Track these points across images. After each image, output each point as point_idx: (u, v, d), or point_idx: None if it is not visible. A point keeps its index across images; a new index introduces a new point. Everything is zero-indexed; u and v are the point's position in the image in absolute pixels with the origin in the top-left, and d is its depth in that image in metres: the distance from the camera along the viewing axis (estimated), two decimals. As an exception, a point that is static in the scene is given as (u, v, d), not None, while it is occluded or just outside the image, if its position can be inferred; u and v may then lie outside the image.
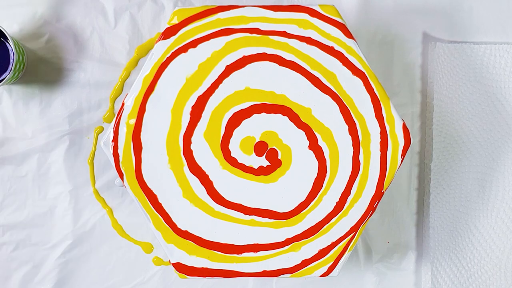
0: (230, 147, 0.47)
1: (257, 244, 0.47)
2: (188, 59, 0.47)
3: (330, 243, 0.47)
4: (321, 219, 0.47)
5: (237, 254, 0.47)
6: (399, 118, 0.47)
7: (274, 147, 0.47)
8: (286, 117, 0.47)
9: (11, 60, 0.48)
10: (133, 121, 0.46)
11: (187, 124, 0.47)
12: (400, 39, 0.55)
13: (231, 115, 0.47)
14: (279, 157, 0.47)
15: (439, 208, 0.55)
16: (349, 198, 0.47)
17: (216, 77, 0.47)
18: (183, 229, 0.46)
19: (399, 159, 0.47)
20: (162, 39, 0.46)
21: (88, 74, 0.53)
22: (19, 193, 0.53)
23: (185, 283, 0.54)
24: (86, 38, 0.53)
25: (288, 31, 0.47)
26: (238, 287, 0.54)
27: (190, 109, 0.47)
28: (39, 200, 0.53)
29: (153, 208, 0.46)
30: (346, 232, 0.47)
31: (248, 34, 0.47)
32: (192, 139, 0.47)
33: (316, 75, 0.47)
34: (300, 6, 0.47)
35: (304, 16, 0.47)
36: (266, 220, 0.47)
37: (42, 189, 0.53)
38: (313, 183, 0.47)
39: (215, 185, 0.47)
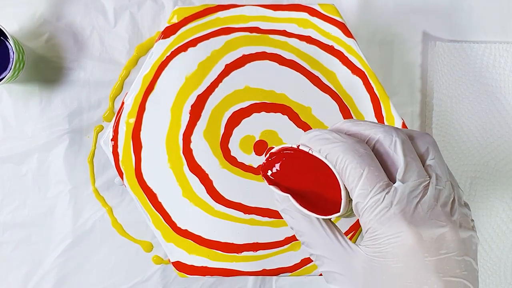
0: (229, 146, 0.47)
1: (257, 243, 0.47)
2: (188, 58, 0.47)
3: (330, 242, 0.47)
4: (320, 218, 0.47)
5: (237, 253, 0.47)
6: (399, 117, 0.47)
7: (274, 146, 0.47)
8: (285, 116, 0.47)
9: (11, 59, 0.48)
10: (132, 120, 0.46)
11: (186, 123, 0.47)
12: (400, 38, 0.55)
13: (230, 114, 0.47)
14: (278, 156, 0.47)
15: (439, 208, 0.55)
16: (349, 197, 0.47)
17: (216, 76, 0.47)
18: (183, 228, 0.46)
19: (399, 158, 0.47)
20: (162, 38, 0.46)
21: (88, 73, 0.53)
22: (19, 192, 0.53)
23: (185, 282, 0.54)
24: (86, 37, 0.53)
25: (288, 30, 0.47)
26: (238, 286, 0.54)
27: (190, 108, 0.47)
28: (39, 199, 0.53)
29: (152, 207, 0.46)
30: (346, 231, 0.47)
31: (247, 33, 0.47)
32: (192, 138, 0.47)
33: (315, 74, 0.47)
34: (300, 5, 0.47)
35: (304, 15, 0.47)
36: (266, 219, 0.47)
37: (42, 188, 0.53)
38: (313, 182, 0.47)
39: (214, 184, 0.47)
